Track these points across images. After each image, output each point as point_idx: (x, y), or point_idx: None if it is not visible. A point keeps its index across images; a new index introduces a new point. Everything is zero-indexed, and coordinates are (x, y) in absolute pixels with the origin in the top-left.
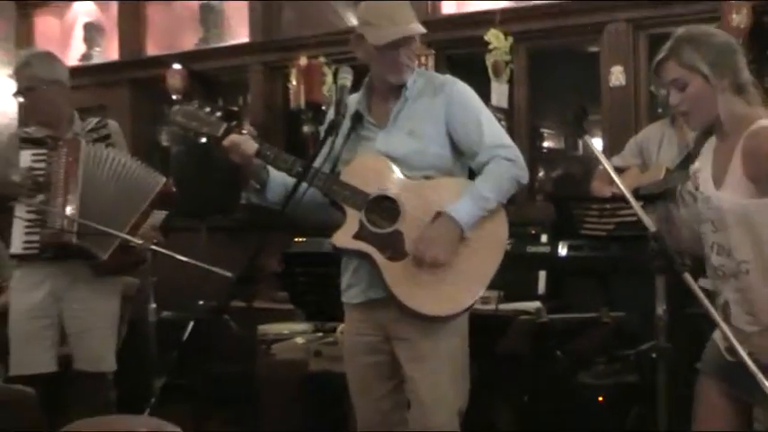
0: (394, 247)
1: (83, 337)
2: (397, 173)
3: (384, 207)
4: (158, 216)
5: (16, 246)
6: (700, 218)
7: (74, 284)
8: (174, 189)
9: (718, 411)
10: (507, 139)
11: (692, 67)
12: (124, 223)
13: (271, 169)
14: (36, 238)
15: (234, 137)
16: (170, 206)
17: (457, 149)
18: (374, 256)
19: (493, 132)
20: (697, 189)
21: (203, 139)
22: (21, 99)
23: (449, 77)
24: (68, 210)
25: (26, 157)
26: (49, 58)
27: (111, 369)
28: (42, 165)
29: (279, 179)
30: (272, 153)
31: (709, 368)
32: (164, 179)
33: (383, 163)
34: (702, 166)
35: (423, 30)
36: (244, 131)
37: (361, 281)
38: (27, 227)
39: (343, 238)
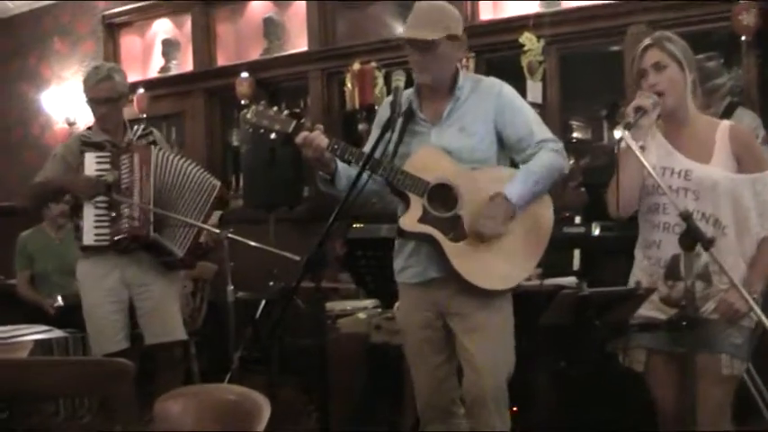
0: (455, 229)
1: (154, 314)
2: (453, 164)
3: (443, 194)
4: (216, 216)
5: (88, 238)
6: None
7: (140, 271)
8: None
9: (669, 379)
10: (552, 135)
11: (672, 54)
12: (197, 219)
13: (337, 161)
14: (106, 231)
15: (308, 133)
16: (224, 207)
17: (502, 144)
18: (437, 238)
19: (540, 129)
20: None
21: (273, 135)
22: (96, 107)
23: (495, 80)
24: (143, 205)
25: (90, 159)
26: (122, 72)
27: (183, 338)
28: (106, 166)
29: (344, 171)
30: (340, 147)
31: (651, 344)
32: (219, 183)
33: (440, 155)
34: (655, 145)
35: (435, 36)
36: (318, 128)
37: (418, 263)
38: (96, 221)
39: (410, 222)
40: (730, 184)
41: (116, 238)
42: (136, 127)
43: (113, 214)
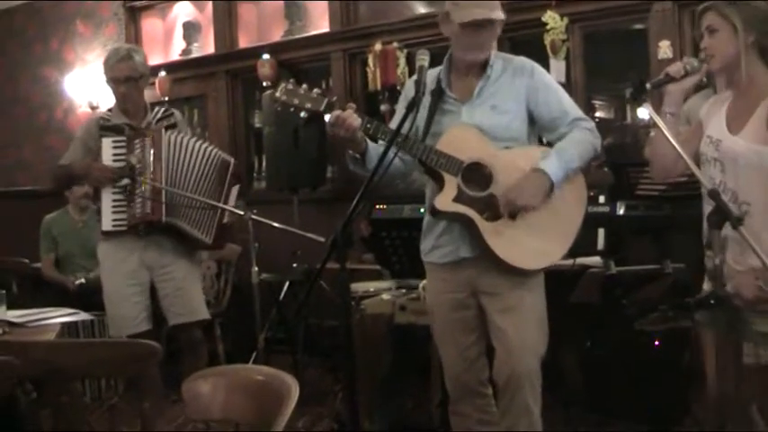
0: (490, 208)
1: (177, 295)
2: (486, 142)
3: (477, 173)
4: (235, 192)
5: (106, 224)
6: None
7: (161, 253)
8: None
9: (711, 357)
10: (583, 114)
11: (726, 17)
12: (218, 205)
13: (367, 141)
14: (123, 216)
15: (341, 112)
16: (239, 182)
17: (533, 123)
18: (473, 218)
19: (572, 107)
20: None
21: (303, 114)
22: (116, 87)
23: (525, 60)
24: (156, 190)
25: (107, 144)
26: (142, 53)
27: (206, 317)
28: (122, 151)
29: (374, 150)
30: (373, 125)
31: (702, 318)
32: (232, 159)
33: (473, 133)
34: (713, 112)
35: (502, 16)
36: (350, 106)
37: (450, 242)
38: (114, 206)
39: (445, 201)
40: (755, 157)
41: (131, 223)
42: (157, 108)
43: (128, 199)
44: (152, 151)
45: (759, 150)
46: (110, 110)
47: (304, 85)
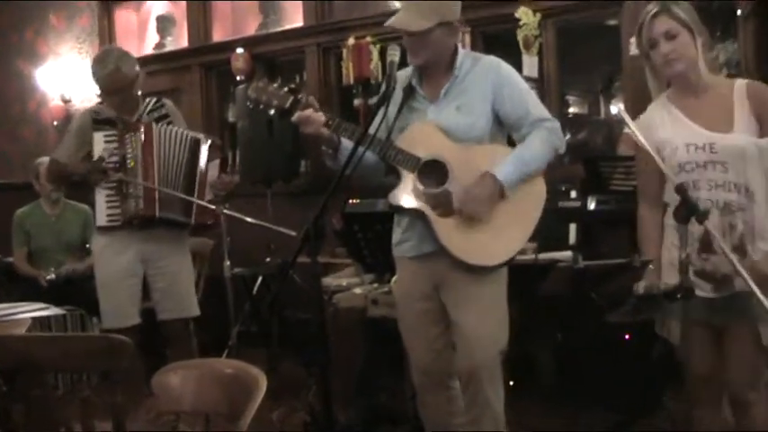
0: (444, 204)
1: (170, 290)
2: (446, 140)
3: (434, 169)
4: (215, 166)
5: (101, 219)
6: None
7: (156, 247)
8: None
9: (703, 348)
10: (548, 114)
11: (682, 21)
12: (193, 184)
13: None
14: (117, 211)
15: (302, 112)
16: (219, 153)
17: (499, 123)
18: (427, 213)
19: (537, 108)
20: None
21: (272, 111)
22: (107, 97)
23: (493, 58)
24: (150, 184)
25: (99, 139)
26: (129, 56)
27: (197, 314)
28: (114, 145)
29: (347, 145)
30: (334, 122)
31: (690, 314)
32: (202, 136)
33: (433, 131)
34: (666, 122)
35: (423, 27)
36: (311, 104)
37: (414, 236)
38: (108, 202)
39: (400, 197)
40: (754, 148)
41: (125, 219)
42: (148, 100)
43: (121, 195)
44: (143, 145)
45: (758, 142)
46: (101, 102)
47: (275, 84)
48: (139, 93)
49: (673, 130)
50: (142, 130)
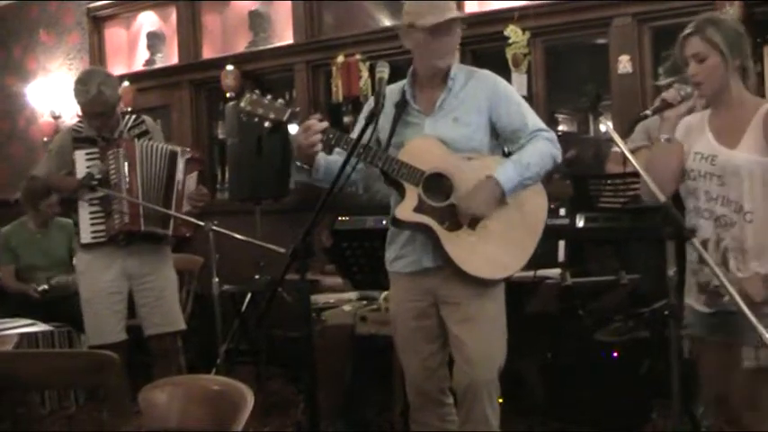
0: (450, 218)
1: (156, 305)
2: (448, 153)
3: (438, 183)
4: (192, 178)
5: (85, 236)
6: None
7: (140, 262)
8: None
9: (715, 363)
10: (544, 125)
11: (713, 44)
12: (171, 196)
13: (321, 154)
14: (102, 228)
15: (309, 119)
16: (198, 166)
17: (496, 135)
18: (433, 227)
19: (534, 119)
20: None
21: (267, 124)
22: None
23: (488, 72)
24: (135, 199)
25: (81, 157)
26: (111, 79)
27: (183, 327)
28: (95, 162)
29: (325, 162)
30: (335, 135)
31: (694, 330)
32: (179, 148)
33: (435, 144)
34: (695, 131)
35: (461, 14)
36: (315, 117)
37: (413, 252)
38: (92, 218)
39: (405, 211)
40: (756, 168)
41: (111, 235)
42: (127, 117)
43: (106, 211)
44: (126, 162)
45: (759, 161)
46: (81, 120)
47: (268, 96)
48: (120, 111)
49: (696, 136)
50: (124, 146)
